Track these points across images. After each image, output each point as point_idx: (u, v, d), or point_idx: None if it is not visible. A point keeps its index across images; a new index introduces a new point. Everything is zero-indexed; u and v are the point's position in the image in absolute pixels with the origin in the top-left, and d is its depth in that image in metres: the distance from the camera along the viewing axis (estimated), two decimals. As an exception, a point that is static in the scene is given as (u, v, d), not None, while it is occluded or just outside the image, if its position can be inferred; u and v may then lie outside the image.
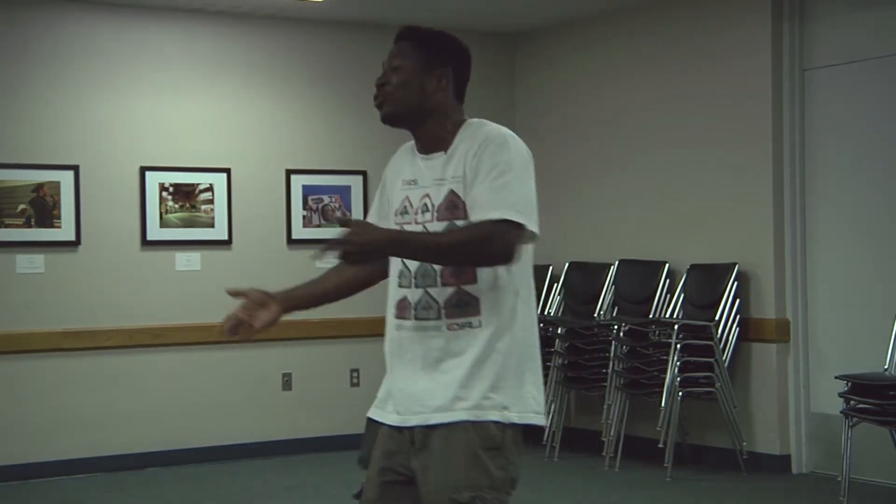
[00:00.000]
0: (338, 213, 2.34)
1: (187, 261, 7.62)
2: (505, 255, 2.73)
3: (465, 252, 2.73)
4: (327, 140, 8.09)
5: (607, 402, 7.29)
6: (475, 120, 2.91)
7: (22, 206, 7.17)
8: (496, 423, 2.77)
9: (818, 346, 6.96)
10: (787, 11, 6.98)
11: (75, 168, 7.29)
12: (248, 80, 7.87)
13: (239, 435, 7.73)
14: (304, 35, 8.02)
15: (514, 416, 2.80)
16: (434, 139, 2.90)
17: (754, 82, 7.06)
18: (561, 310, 8.05)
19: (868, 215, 6.74)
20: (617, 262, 7.78)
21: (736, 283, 7.00)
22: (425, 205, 2.87)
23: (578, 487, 6.79)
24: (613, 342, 7.26)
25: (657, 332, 7.08)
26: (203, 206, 7.66)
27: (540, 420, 2.85)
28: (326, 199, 8.01)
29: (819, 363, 6.93)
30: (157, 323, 7.53)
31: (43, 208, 7.22)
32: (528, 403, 2.82)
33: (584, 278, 7.99)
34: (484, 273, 2.80)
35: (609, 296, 7.77)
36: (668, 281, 7.47)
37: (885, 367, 6.24)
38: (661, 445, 6.88)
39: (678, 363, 6.86)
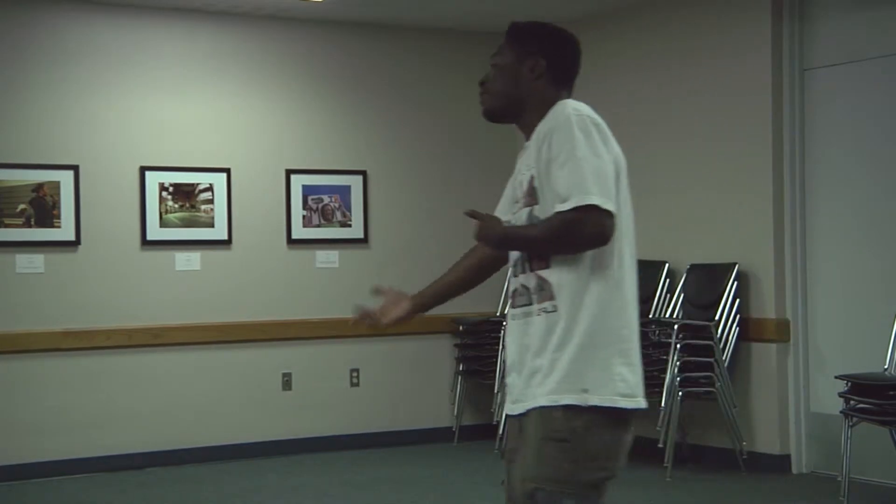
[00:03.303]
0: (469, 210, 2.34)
1: (187, 261, 7.62)
2: (596, 237, 2.73)
3: (557, 241, 2.76)
4: (327, 140, 8.09)
5: (607, 402, 7.28)
6: (559, 102, 2.91)
7: (22, 206, 7.17)
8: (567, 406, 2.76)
9: (818, 346, 6.96)
10: (787, 11, 6.98)
11: (75, 168, 7.30)
12: (248, 80, 7.86)
13: (239, 435, 7.73)
14: (304, 35, 8.01)
15: (595, 399, 2.77)
16: (530, 128, 2.94)
17: (754, 82, 7.06)
18: (561, 310, 8.04)
19: (868, 215, 6.74)
20: (617, 262, 7.77)
21: (736, 283, 7.00)
22: (517, 193, 2.95)
23: (578, 487, 6.78)
24: (613, 342, 7.25)
25: (657, 331, 7.08)
26: (203, 206, 7.67)
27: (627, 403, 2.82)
28: (326, 199, 8.02)
29: (819, 363, 6.93)
30: (157, 323, 7.53)
31: (43, 208, 7.22)
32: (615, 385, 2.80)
33: (584, 278, 7.97)
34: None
35: (609, 296, 7.76)
36: (668, 281, 7.47)
37: (885, 367, 6.24)
38: (661, 445, 6.88)
39: (678, 363, 6.86)
